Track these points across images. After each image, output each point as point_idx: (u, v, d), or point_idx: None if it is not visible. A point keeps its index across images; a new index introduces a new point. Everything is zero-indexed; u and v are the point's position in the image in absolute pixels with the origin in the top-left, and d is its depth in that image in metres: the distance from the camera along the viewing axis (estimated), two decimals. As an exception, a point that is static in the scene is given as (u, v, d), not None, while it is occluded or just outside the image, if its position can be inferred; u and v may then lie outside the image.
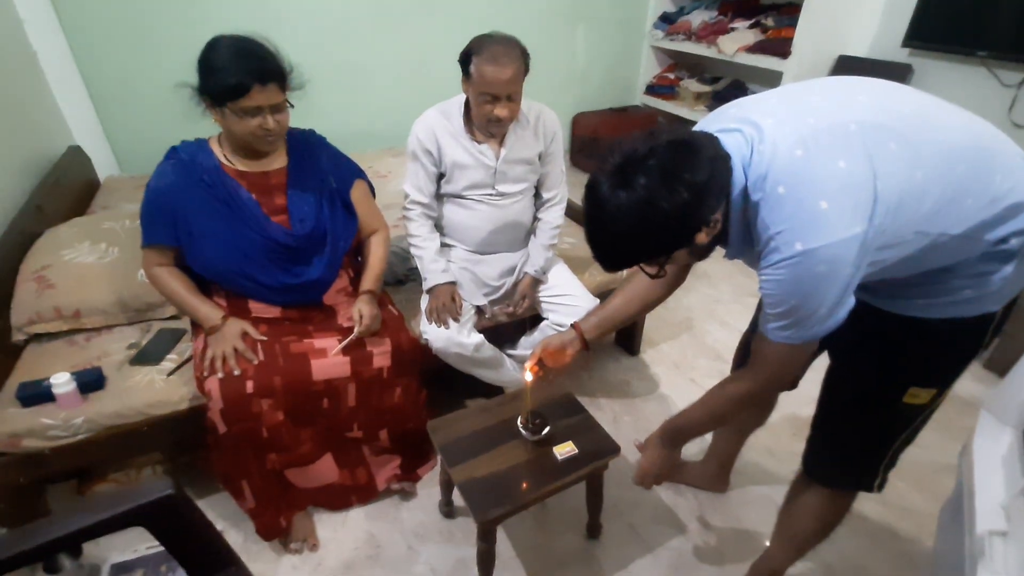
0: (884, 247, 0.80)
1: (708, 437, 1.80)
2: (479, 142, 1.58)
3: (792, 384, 1.30)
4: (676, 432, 1.15)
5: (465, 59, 1.44)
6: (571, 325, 1.25)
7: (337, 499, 1.52)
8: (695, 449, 1.76)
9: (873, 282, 0.93)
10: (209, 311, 1.34)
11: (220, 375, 1.25)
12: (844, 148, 0.77)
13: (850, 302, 0.83)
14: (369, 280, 1.50)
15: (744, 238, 0.87)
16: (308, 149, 1.45)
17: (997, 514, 0.74)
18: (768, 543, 1.35)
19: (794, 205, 0.77)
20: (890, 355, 0.99)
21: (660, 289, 1.17)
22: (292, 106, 1.31)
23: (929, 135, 0.80)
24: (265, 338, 1.35)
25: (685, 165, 0.76)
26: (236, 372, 1.25)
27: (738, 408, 1.03)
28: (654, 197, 0.76)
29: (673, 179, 0.76)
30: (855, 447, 1.09)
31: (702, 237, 0.82)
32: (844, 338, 0.91)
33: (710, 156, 0.78)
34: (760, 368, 0.96)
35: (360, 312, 1.39)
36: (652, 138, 0.78)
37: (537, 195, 1.77)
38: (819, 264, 0.77)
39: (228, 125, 1.26)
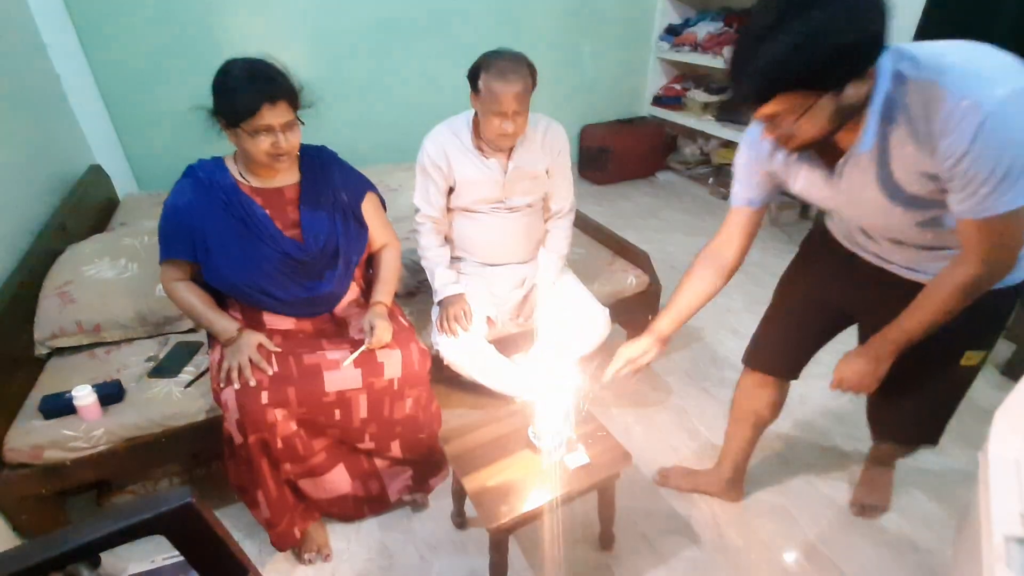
0: None
1: (718, 441, 1.79)
2: (487, 156, 1.60)
3: (793, 373, 1.40)
4: (895, 343, 1.06)
5: (474, 75, 1.47)
6: (648, 330, 1.24)
7: (350, 510, 1.53)
8: (710, 454, 1.75)
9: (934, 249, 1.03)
10: (225, 324, 1.37)
11: (236, 386, 1.27)
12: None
13: None
14: (381, 292, 1.52)
15: (884, 131, 0.88)
16: (320, 165, 1.48)
17: (1014, 520, 0.73)
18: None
19: (967, 68, 0.80)
20: (945, 326, 1.05)
21: (718, 278, 1.23)
22: (303, 123, 1.35)
23: None
24: (279, 349, 1.37)
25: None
26: (252, 383, 1.28)
27: (966, 298, 0.97)
28: (835, 11, 0.75)
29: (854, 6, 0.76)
30: (924, 411, 1.24)
31: (851, 91, 0.81)
32: (891, 317, 1.05)
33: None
34: (986, 247, 0.91)
35: (371, 324, 1.41)
36: None
37: (546, 207, 1.79)
38: (1019, 111, 0.78)
39: (242, 145, 1.30)
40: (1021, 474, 0.79)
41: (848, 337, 1.33)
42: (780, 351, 1.40)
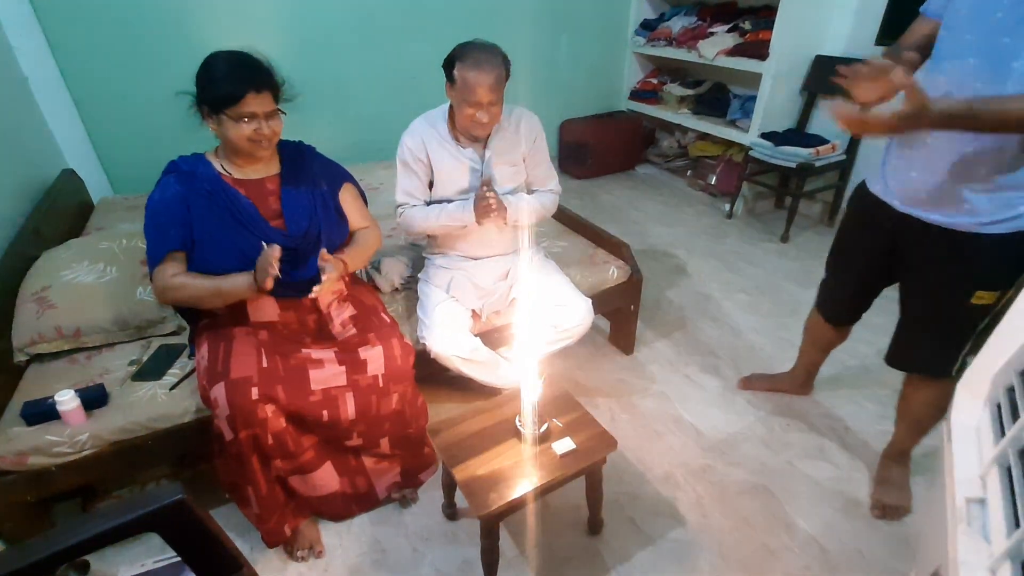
0: None
1: (701, 426, 1.84)
2: (464, 146, 1.63)
3: (853, 320, 1.64)
4: (968, 110, 1.00)
5: (449, 65, 1.50)
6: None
7: (339, 509, 1.54)
8: (694, 439, 1.80)
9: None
10: (240, 278, 1.33)
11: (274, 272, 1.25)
12: None
13: None
14: (348, 253, 1.50)
15: None
16: (299, 156, 1.52)
17: (974, 482, 0.78)
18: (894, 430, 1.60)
19: None
20: (957, 266, 1.23)
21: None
22: (285, 114, 1.39)
23: None
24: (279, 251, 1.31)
25: None
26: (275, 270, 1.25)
27: None
28: None
29: None
30: (935, 342, 1.35)
31: None
32: (915, 262, 1.28)
33: None
34: None
35: (322, 267, 1.35)
36: None
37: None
38: None
39: (225, 132, 1.32)
40: (981, 440, 0.84)
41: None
42: (839, 306, 1.65)
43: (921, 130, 1.07)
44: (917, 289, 1.36)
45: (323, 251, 1.37)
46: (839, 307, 1.65)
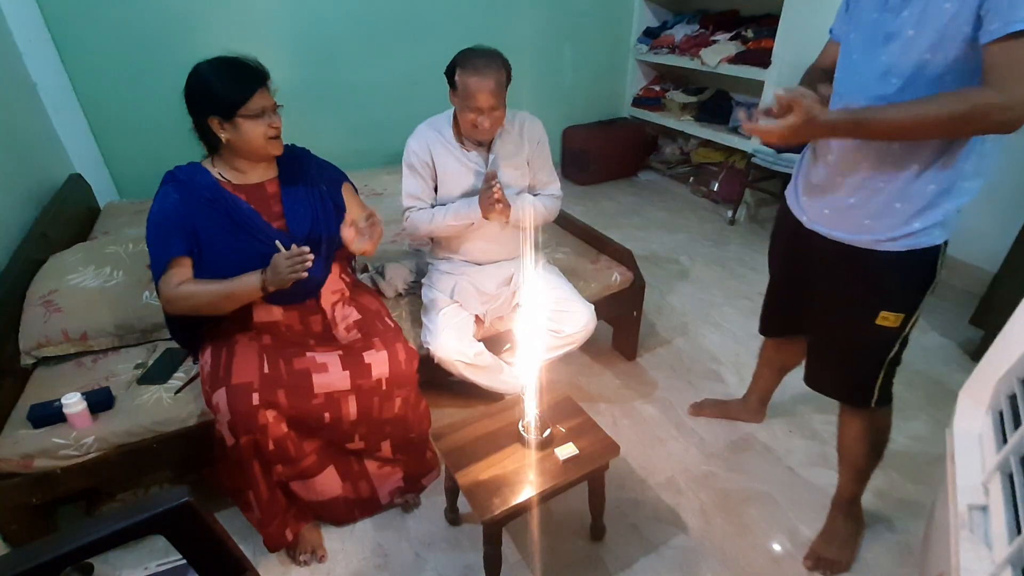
0: None
1: (703, 432, 1.84)
2: (468, 150, 1.65)
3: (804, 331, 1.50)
4: (846, 117, 0.99)
5: (450, 72, 1.52)
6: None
7: (341, 513, 1.54)
8: (696, 444, 1.80)
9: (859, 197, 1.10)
10: (247, 279, 1.32)
11: (309, 264, 1.29)
12: None
13: None
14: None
15: None
16: (295, 159, 1.54)
17: (976, 489, 0.78)
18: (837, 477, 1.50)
19: None
20: (860, 283, 1.18)
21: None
22: (282, 106, 1.40)
23: None
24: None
25: None
26: (309, 262, 1.28)
27: (966, 118, 0.88)
28: None
29: None
30: (846, 366, 1.30)
31: None
32: (822, 281, 1.22)
33: None
34: (1016, 75, 0.85)
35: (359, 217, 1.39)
36: None
37: None
38: None
39: (242, 135, 1.33)
40: (983, 447, 0.84)
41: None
42: (782, 318, 1.57)
43: (814, 139, 1.08)
44: (824, 308, 1.31)
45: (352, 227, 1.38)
46: (781, 317, 1.56)
